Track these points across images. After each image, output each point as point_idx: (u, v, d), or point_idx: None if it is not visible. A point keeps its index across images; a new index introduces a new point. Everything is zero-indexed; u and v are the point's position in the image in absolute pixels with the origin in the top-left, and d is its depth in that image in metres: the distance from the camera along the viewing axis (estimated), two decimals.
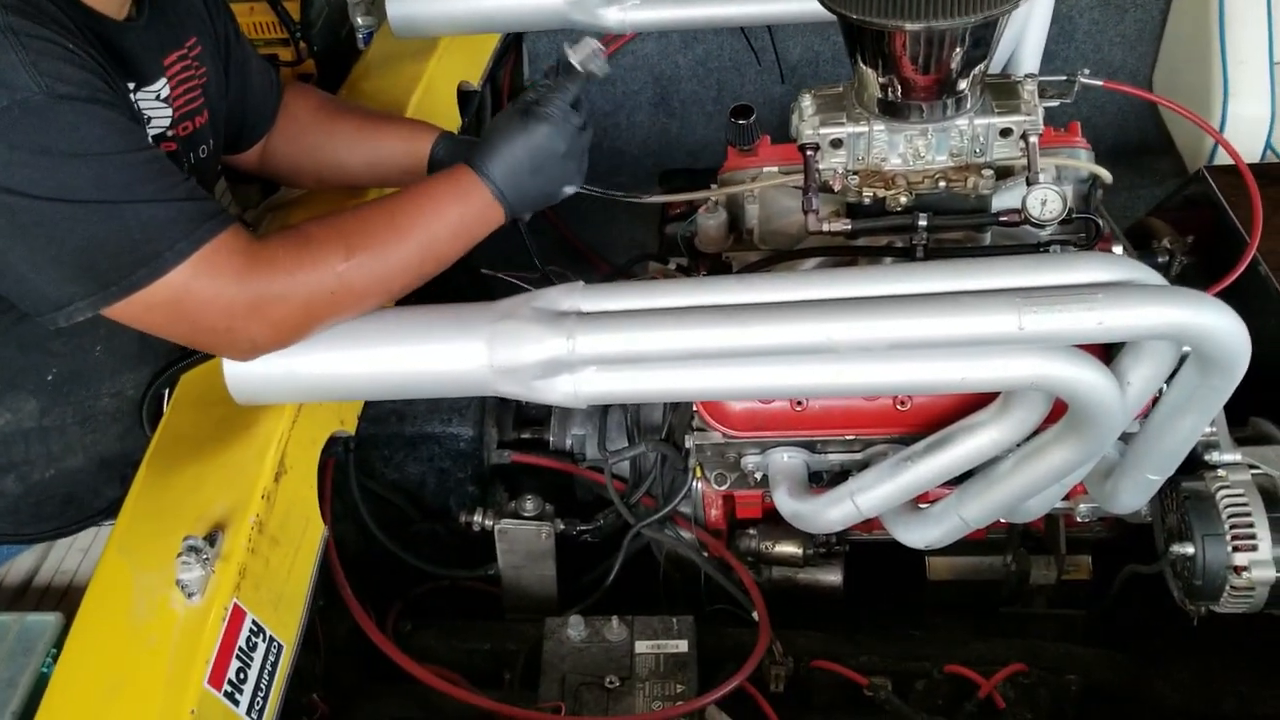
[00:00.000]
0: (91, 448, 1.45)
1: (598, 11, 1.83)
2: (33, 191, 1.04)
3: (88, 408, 1.42)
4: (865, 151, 1.43)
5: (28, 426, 1.39)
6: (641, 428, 1.61)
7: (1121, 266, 1.11)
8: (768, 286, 1.15)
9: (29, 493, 1.44)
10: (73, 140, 1.06)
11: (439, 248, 1.24)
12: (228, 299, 1.12)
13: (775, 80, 2.52)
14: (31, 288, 1.10)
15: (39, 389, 1.38)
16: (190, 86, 1.37)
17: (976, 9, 1.23)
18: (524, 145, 1.25)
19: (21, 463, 1.41)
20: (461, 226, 1.25)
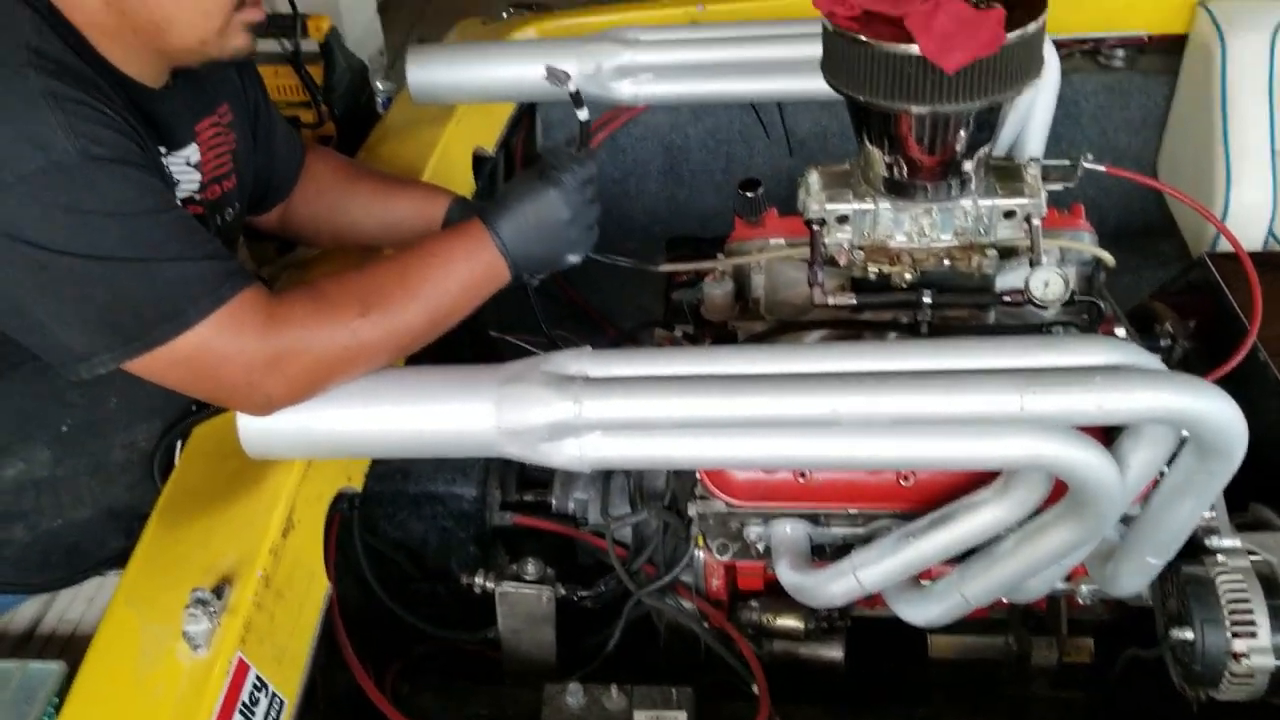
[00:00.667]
0: (101, 499, 1.46)
1: (611, 85, 1.88)
2: (63, 248, 1.07)
3: (100, 459, 1.44)
4: (871, 228, 1.46)
5: (40, 476, 1.41)
6: (644, 494, 1.62)
7: (1122, 350, 1.12)
8: (773, 358, 1.17)
9: (36, 542, 1.45)
10: (104, 200, 1.09)
11: (449, 304, 1.26)
12: (247, 355, 1.14)
13: (784, 153, 2.56)
14: (56, 340, 1.12)
15: (53, 439, 1.39)
16: (220, 152, 1.41)
17: (981, 94, 1.27)
18: (533, 207, 1.28)
19: (31, 512, 1.42)
20: (470, 282, 1.27)
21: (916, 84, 1.25)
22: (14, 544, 1.44)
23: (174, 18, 1.22)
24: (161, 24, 1.22)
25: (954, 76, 1.24)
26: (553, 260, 1.34)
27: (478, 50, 2.00)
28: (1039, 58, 1.31)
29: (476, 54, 1.96)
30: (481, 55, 1.95)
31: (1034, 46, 1.28)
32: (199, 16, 1.23)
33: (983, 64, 1.24)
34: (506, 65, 1.92)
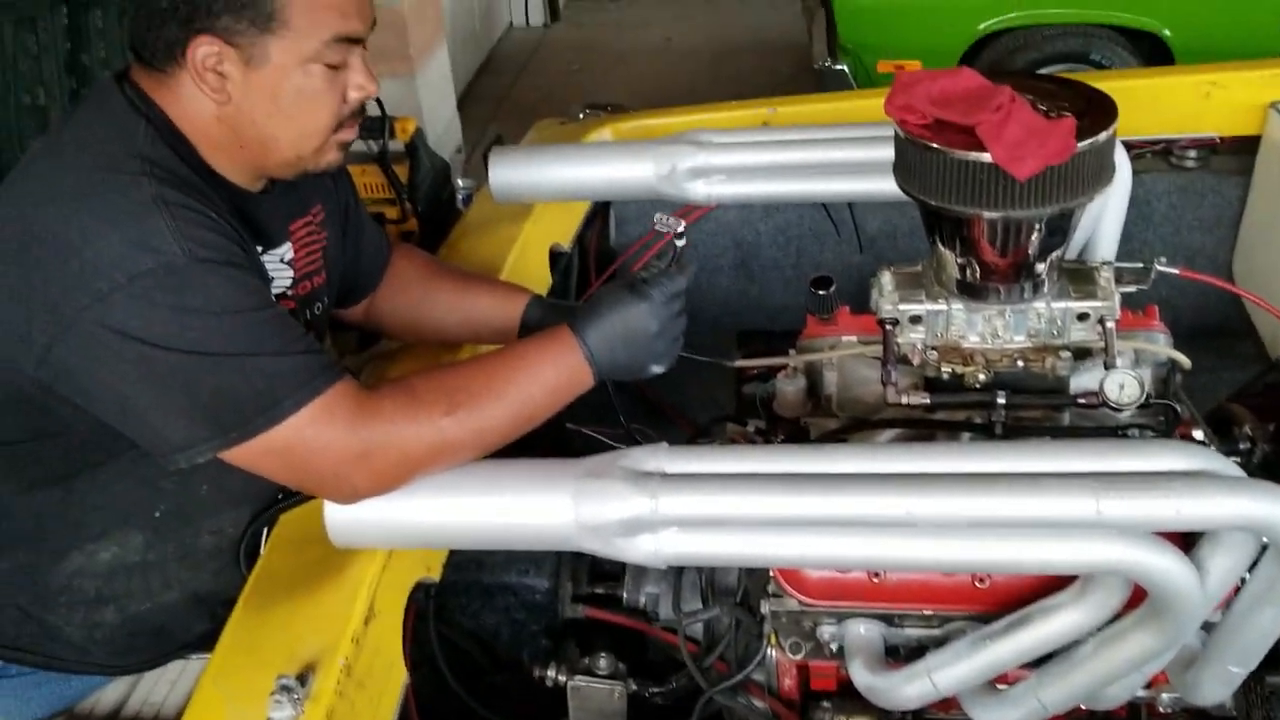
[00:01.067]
0: (188, 583, 1.50)
1: (685, 185, 1.93)
2: (169, 344, 1.13)
3: (189, 544, 1.48)
4: (944, 329, 1.48)
5: (132, 561, 1.45)
6: (716, 590, 1.62)
7: (1199, 456, 1.12)
8: (849, 457, 1.19)
9: (124, 624, 1.49)
10: (208, 299, 1.15)
11: (532, 406, 1.29)
12: (337, 446, 1.19)
13: (854, 250, 2.59)
14: (158, 431, 1.18)
15: (146, 524, 1.44)
16: (312, 249, 1.48)
17: (1052, 201, 1.29)
18: (621, 318, 1.32)
19: (122, 595, 1.47)
20: (554, 387, 1.31)
21: (989, 190, 1.28)
22: (104, 626, 1.48)
23: (278, 137, 1.30)
24: (267, 141, 1.30)
25: (1026, 183, 1.26)
26: (637, 370, 1.36)
27: (556, 152, 2.07)
28: (1110, 165, 1.33)
29: (555, 156, 2.04)
30: (560, 157, 2.02)
31: (1105, 155, 1.31)
32: (300, 137, 1.31)
33: (1054, 171, 1.26)
34: (583, 166, 1.99)
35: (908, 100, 1.32)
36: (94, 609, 1.47)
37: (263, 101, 1.27)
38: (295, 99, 1.27)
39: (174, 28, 1.23)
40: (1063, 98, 1.34)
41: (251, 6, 1.21)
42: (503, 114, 5.93)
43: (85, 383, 1.18)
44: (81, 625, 1.47)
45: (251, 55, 1.24)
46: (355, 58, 1.32)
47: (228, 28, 1.22)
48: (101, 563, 1.44)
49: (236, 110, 1.27)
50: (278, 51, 1.24)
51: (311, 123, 1.31)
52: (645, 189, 1.94)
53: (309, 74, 1.27)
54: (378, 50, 4.08)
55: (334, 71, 1.29)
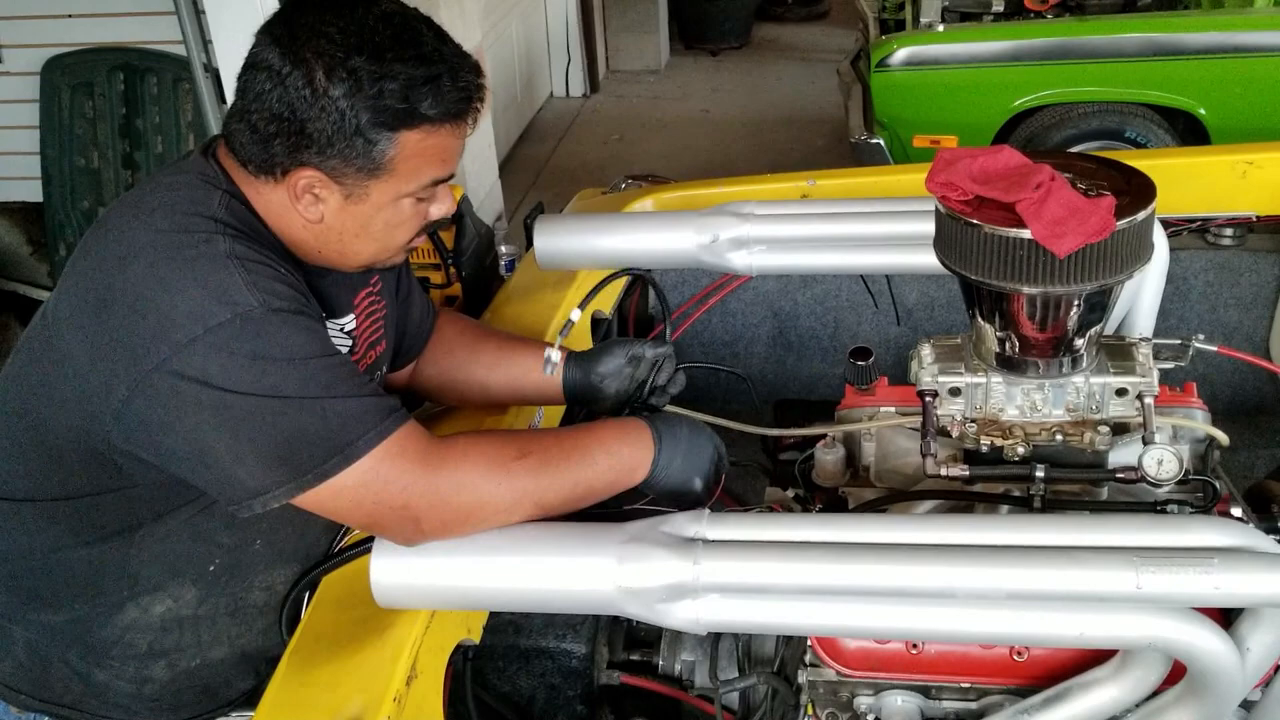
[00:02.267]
0: (236, 640, 1.53)
1: (726, 255, 1.97)
2: (246, 389, 1.17)
3: (239, 599, 1.51)
4: (983, 401, 1.49)
5: (184, 615, 1.48)
6: (753, 658, 1.63)
7: (1238, 533, 1.13)
8: (890, 527, 1.20)
9: (173, 681, 1.51)
10: (284, 346, 1.20)
11: (595, 480, 1.34)
12: (409, 485, 1.22)
13: (891, 321, 2.61)
14: (231, 477, 1.21)
15: (200, 578, 1.47)
16: (374, 318, 1.53)
17: (1091, 278, 1.31)
18: (692, 431, 1.43)
19: (173, 650, 1.49)
20: (619, 468, 1.37)
21: (1028, 266, 1.30)
22: (153, 682, 1.50)
23: (360, 252, 1.37)
24: (347, 254, 1.36)
25: (1065, 260, 1.29)
26: (684, 482, 1.42)
27: (599, 221, 2.12)
28: (1149, 243, 1.35)
29: (598, 224, 2.08)
30: (603, 226, 2.07)
31: (1144, 233, 1.33)
32: (380, 253, 1.38)
33: (1093, 249, 1.28)
34: (626, 235, 2.03)
35: (949, 177, 1.35)
36: (145, 664, 1.49)
37: (353, 225, 1.32)
38: (384, 227, 1.34)
39: (281, 153, 1.26)
40: (1102, 176, 1.37)
41: (364, 156, 1.25)
42: (543, 181, 6.04)
43: (161, 435, 1.21)
44: (131, 681, 1.49)
45: (352, 193, 1.29)
46: (443, 188, 1.37)
47: (335, 168, 1.26)
48: (155, 616, 1.46)
49: (326, 228, 1.33)
50: (378, 192, 1.29)
51: (394, 243, 1.37)
52: (687, 258, 1.98)
53: (399, 208, 1.33)
54: None
55: (422, 201, 1.35)
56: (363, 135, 1.24)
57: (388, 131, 1.24)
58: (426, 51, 1.26)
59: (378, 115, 1.23)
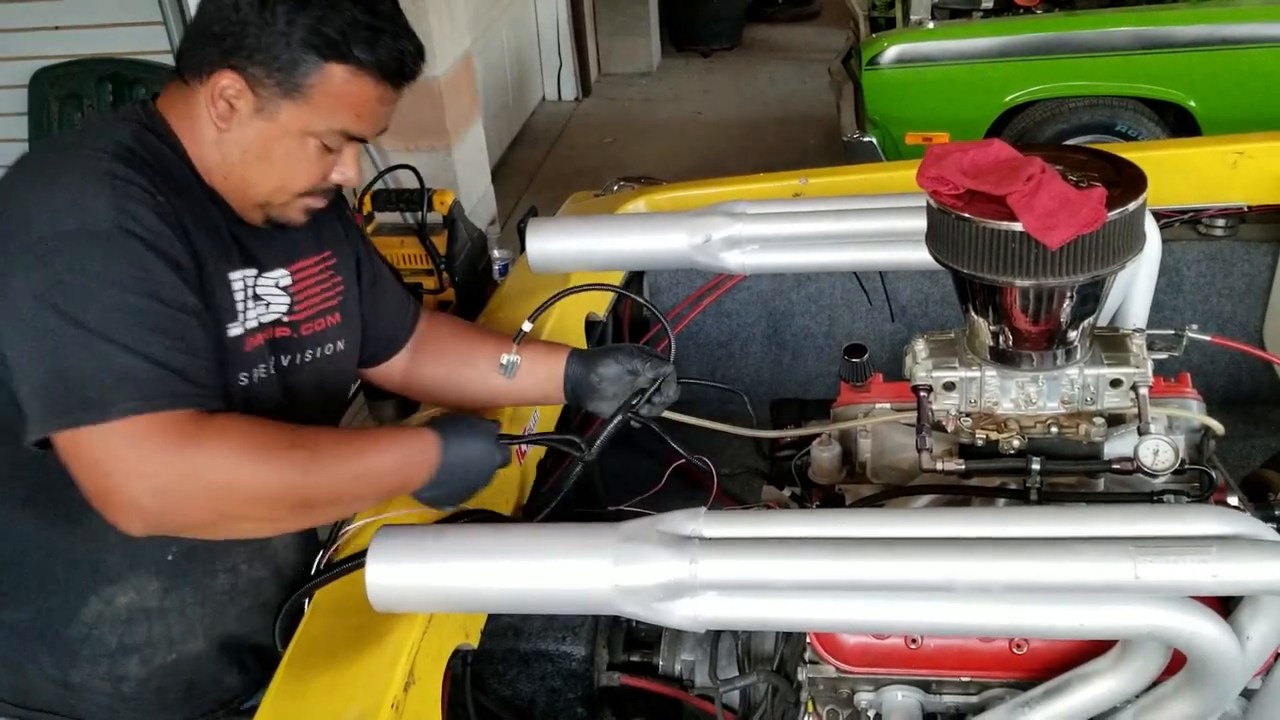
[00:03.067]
0: (210, 630, 1.51)
1: (720, 255, 1.96)
2: (55, 304, 1.17)
3: (205, 586, 1.49)
4: (978, 395, 1.49)
5: (150, 606, 1.46)
6: (752, 657, 1.63)
7: (1235, 521, 1.13)
8: (887, 522, 1.19)
9: (151, 678, 1.49)
10: (111, 271, 1.19)
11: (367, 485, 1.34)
12: (152, 463, 1.17)
13: (885, 318, 2.61)
14: (26, 398, 1.20)
15: (161, 567, 1.45)
16: (324, 288, 1.52)
17: (1084, 269, 1.31)
18: (479, 454, 1.44)
19: (144, 645, 1.47)
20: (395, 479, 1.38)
21: (1020, 259, 1.30)
22: (129, 680, 1.48)
23: (257, 183, 1.37)
24: (247, 181, 1.37)
25: (1057, 252, 1.29)
26: (445, 499, 1.46)
27: (592, 223, 2.11)
28: (1141, 233, 1.35)
29: (591, 226, 2.08)
30: (595, 227, 2.06)
31: (1135, 224, 1.33)
32: (274, 190, 1.38)
33: (1085, 240, 1.28)
34: (619, 237, 2.02)
35: (940, 171, 1.35)
36: (117, 661, 1.47)
37: (256, 146, 1.34)
38: (284, 157, 1.35)
39: (213, 52, 1.31)
40: (1093, 168, 1.37)
41: (285, 71, 1.30)
42: (536, 185, 6.04)
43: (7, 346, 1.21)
44: (106, 679, 1.47)
45: (264, 107, 1.32)
46: (350, 150, 1.40)
47: (256, 76, 1.30)
48: (120, 608, 1.45)
49: (232, 142, 1.34)
50: (287, 115, 1.32)
51: (289, 182, 1.38)
52: (680, 259, 1.97)
53: (304, 144, 1.35)
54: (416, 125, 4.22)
55: (327, 151, 1.37)
56: (292, 51, 1.29)
57: (316, 56, 1.29)
58: (381, 9, 1.33)
59: (312, 37, 1.28)
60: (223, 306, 1.36)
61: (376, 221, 2.48)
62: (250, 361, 1.40)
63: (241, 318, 1.39)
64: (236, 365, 1.38)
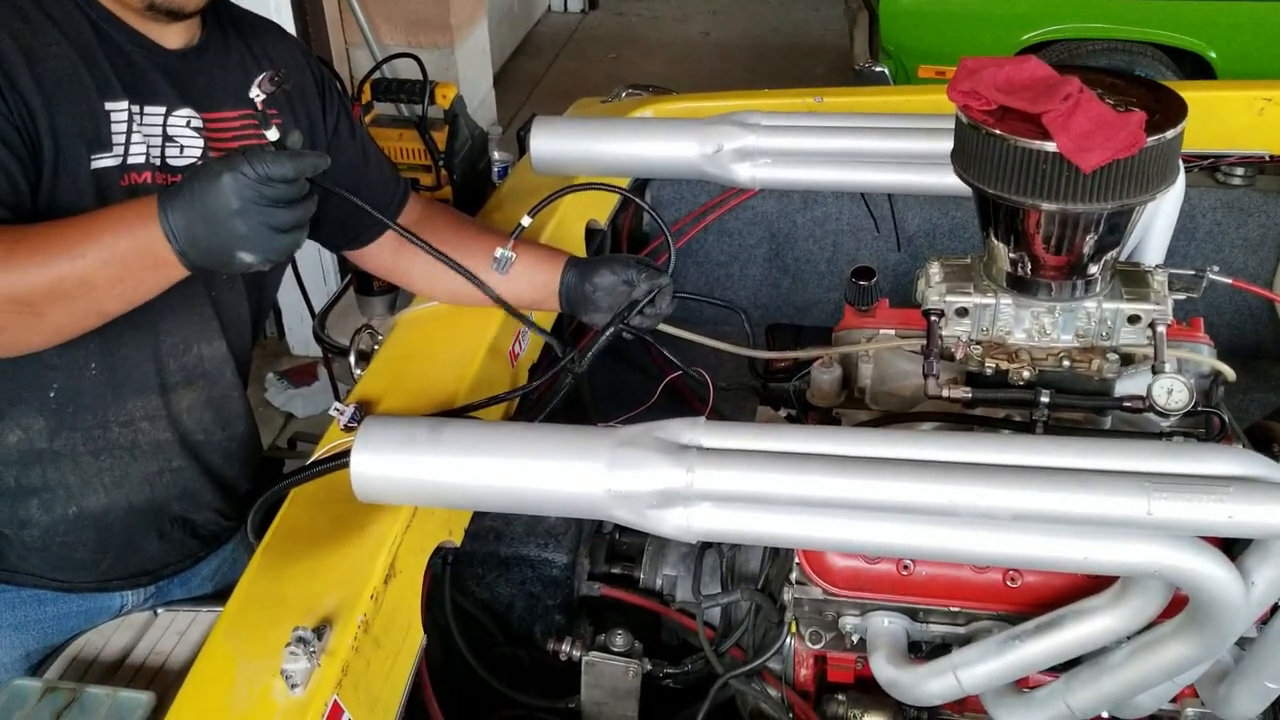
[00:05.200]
0: (114, 488, 1.48)
1: (730, 166, 1.90)
2: None
3: (98, 437, 1.44)
4: (990, 323, 1.45)
5: (41, 448, 1.42)
6: (736, 575, 1.60)
7: (1254, 463, 1.09)
8: (892, 442, 1.16)
9: (55, 528, 1.47)
10: None
11: (89, 273, 1.18)
12: None
13: (891, 247, 2.56)
14: None
15: (44, 407, 1.40)
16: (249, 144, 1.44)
17: (1115, 196, 1.26)
18: (204, 189, 1.16)
19: (42, 489, 1.44)
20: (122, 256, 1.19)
21: (1050, 181, 1.25)
22: (34, 526, 1.45)
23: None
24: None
25: (1089, 177, 1.23)
26: (223, 255, 1.19)
27: (600, 125, 2.04)
28: (1175, 165, 1.30)
29: (599, 129, 2.01)
30: (604, 130, 1.99)
31: (1171, 153, 1.28)
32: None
33: (1119, 166, 1.23)
34: (627, 141, 1.95)
35: (973, 85, 1.29)
36: (17, 502, 1.44)
37: None
38: None
39: None
40: (1130, 94, 1.31)
41: None
42: (537, 97, 5.92)
43: None
44: (9, 524, 1.45)
45: None
46: None
47: None
48: (10, 447, 1.41)
49: None
50: None
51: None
52: (689, 168, 1.91)
53: None
54: (420, 20, 4.12)
55: None
56: None
57: None
58: None
59: None
60: (85, 137, 1.30)
61: (375, 112, 2.40)
62: (125, 196, 1.33)
63: (120, 150, 1.33)
64: (102, 198, 1.31)
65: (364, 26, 4.02)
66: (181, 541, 1.59)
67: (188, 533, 1.60)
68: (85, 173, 1.30)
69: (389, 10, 4.16)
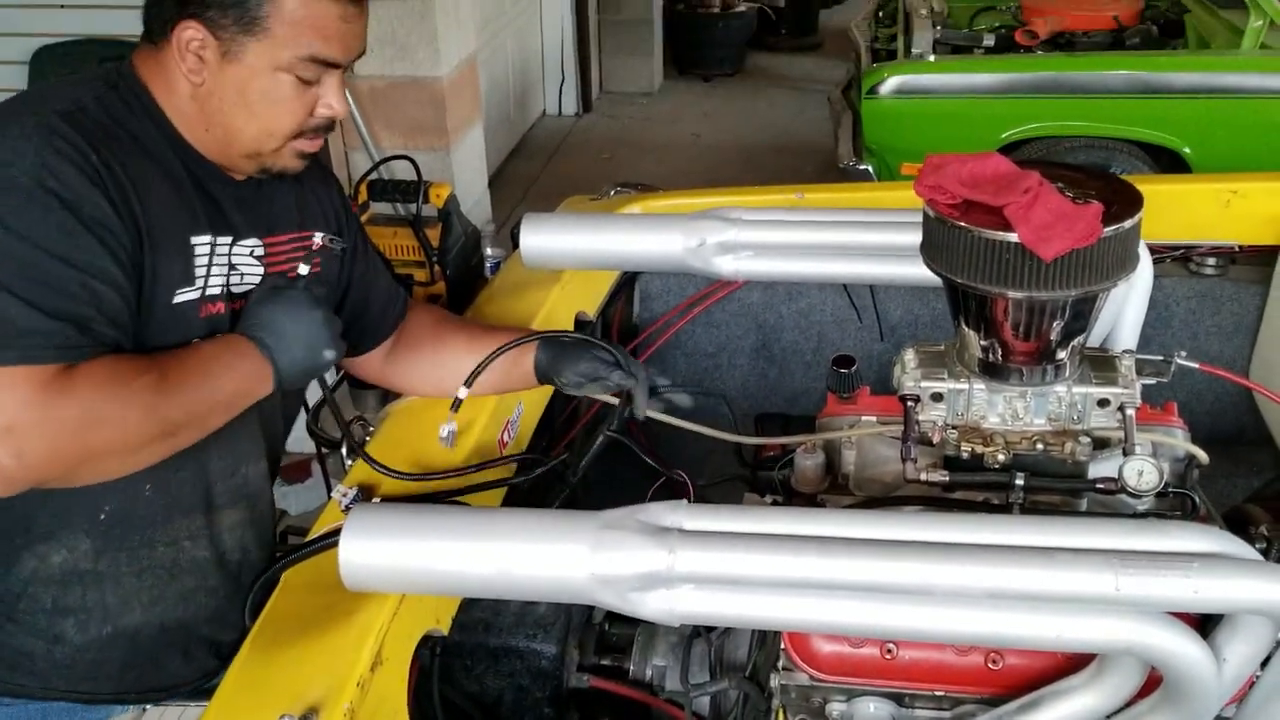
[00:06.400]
0: (150, 606, 1.48)
1: (713, 259, 1.96)
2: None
3: (142, 557, 1.45)
4: (965, 407, 1.49)
5: (84, 569, 1.42)
6: (725, 664, 1.61)
7: (1218, 539, 1.12)
8: (870, 523, 1.19)
9: (88, 647, 1.46)
10: (17, 219, 1.19)
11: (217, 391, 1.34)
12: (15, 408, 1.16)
13: (875, 337, 2.61)
14: None
15: (92, 527, 1.41)
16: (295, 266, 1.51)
17: (1077, 284, 1.31)
18: (285, 312, 1.41)
19: (79, 610, 1.44)
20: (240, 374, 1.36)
21: (1014, 270, 1.30)
22: (66, 644, 1.44)
23: (241, 129, 1.37)
24: (230, 129, 1.37)
25: (1051, 265, 1.29)
26: (314, 361, 1.42)
27: (587, 220, 2.11)
28: (1134, 253, 1.35)
29: (586, 223, 2.07)
30: (590, 225, 2.06)
31: (1130, 242, 1.33)
32: (260, 135, 1.38)
33: (1079, 255, 1.29)
34: (613, 235, 2.02)
35: (938, 180, 1.35)
36: (53, 620, 1.43)
37: (231, 93, 1.34)
38: (261, 99, 1.34)
39: (171, 6, 1.31)
40: (1090, 186, 1.37)
41: (238, 6, 1.29)
42: (532, 196, 6.03)
43: None
44: (42, 638, 1.44)
45: (229, 49, 1.31)
46: (331, 79, 1.38)
47: (213, 19, 1.30)
48: (54, 567, 1.41)
49: (208, 93, 1.34)
50: (253, 53, 1.32)
51: (273, 124, 1.37)
52: (674, 261, 1.97)
53: (278, 81, 1.34)
54: (417, 125, 4.20)
55: (305, 85, 1.36)
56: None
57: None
58: None
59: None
60: (175, 271, 1.35)
61: (371, 211, 2.47)
62: (204, 329, 1.39)
63: (200, 283, 1.38)
64: (182, 331, 1.37)
65: (363, 132, 4.14)
66: (203, 661, 1.58)
67: (211, 653, 1.59)
68: (168, 306, 1.35)
69: (388, 116, 4.29)
